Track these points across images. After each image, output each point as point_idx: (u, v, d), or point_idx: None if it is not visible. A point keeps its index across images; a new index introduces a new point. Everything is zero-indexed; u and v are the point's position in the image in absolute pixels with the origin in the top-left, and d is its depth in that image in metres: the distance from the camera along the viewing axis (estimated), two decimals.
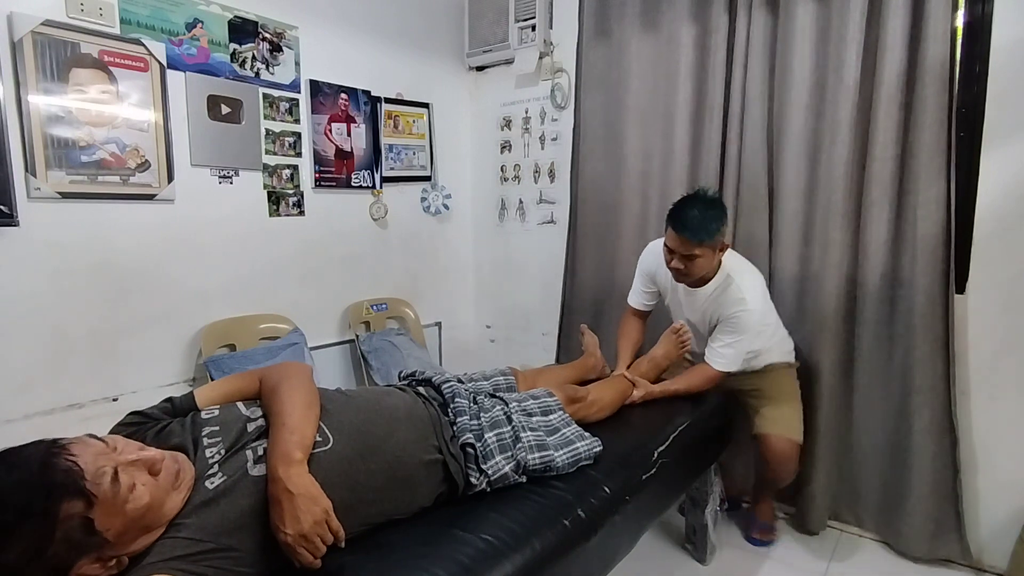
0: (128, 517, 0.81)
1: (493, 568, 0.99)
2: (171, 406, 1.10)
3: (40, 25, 1.62)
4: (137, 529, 0.83)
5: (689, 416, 1.68)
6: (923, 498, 1.82)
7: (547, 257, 2.77)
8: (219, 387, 1.16)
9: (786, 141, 2.00)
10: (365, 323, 2.53)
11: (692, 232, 1.63)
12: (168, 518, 0.87)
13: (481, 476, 1.18)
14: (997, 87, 1.71)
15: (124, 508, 0.80)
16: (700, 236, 1.63)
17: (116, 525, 0.80)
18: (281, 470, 0.91)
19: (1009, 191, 1.72)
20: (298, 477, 0.91)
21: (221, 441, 0.99)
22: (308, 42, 2.27)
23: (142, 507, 0.82)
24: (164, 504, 0.86)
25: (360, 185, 2.51)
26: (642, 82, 2.34)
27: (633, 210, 2.40)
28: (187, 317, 2.00)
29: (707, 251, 1.66)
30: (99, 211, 1.78)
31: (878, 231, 1.87)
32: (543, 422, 1.36)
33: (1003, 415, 1.78)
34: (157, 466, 0.87)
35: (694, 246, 1.64)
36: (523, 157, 2.84)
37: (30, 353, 1.68)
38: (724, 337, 1.76)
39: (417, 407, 1.24)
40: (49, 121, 1.65)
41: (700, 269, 1.70)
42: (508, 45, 2.67)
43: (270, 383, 1.09)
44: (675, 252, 1.69)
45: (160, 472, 0.87)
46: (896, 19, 1.76)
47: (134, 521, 0.82)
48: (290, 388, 1.06)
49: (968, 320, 1.81)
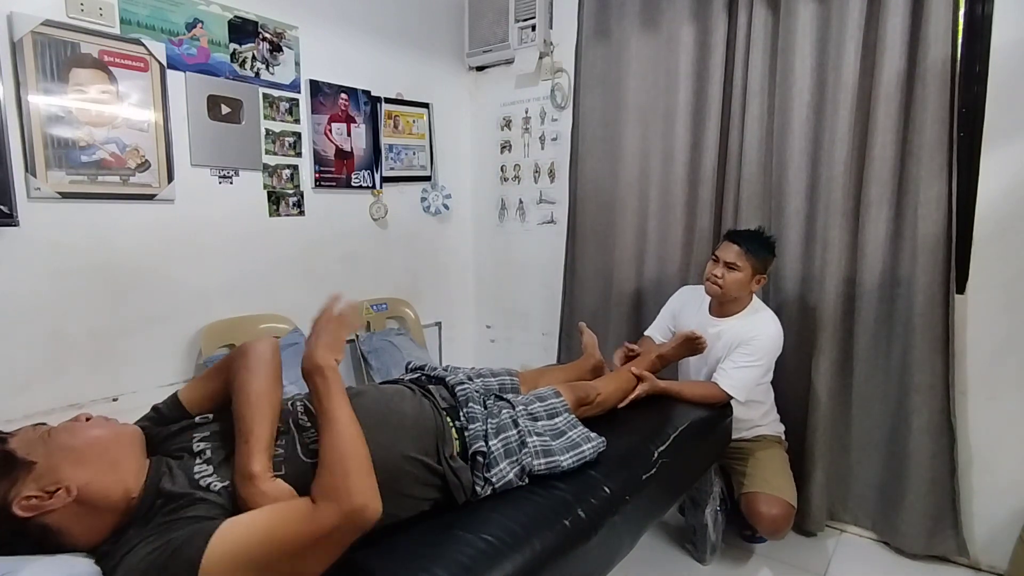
0: (56, 446, 0.88)
1: (493, 568, 0.99)
2: (158, 415, 1.10)
3: (40, 25, 1.62)
4: (72, 459, 0.87)
5: (689, 416, 1.68)
6: (921, 496, 1.83)
7: (547, 257, 2.77)
8: (203, 386, 1.14)
9: (786, 140, 2.00)
10: (365, 323, 2.53)
11: (744, 241, 1.80)
12: (123, 464, 0.91)
13: (486, 485, 1.18)
14: (997, 87, 1.71)
15: (46, 441, 0.89)
16: (749, 246, 1.79)
17: (41, 454, 0.86)
18: (240, 489, 0.90)
19: (1009, 191, 1.72)
20: (259, 496, 0.89)
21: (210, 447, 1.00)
22: (308, 42, 2.27)
23: (66, 437, 0.90)
24: (101, 439, 0.92)
25: (360, 185, 2.51)
26: (642, 82, 2.34)
27: (633, 209, 2.40)
28: (187, 317, 2.00)
29: (747, 267, 1.79)
30: (99, 211, 1.78)
31: (878, 230, 1.87)
32: (548, 426, 1.35)
33: (1003, 415, 1.78)
34: (81, 417, 0.96)
35: (740, 255, 1.78)
36: (523, 157, 2.84)
37: (30, 353, 1.68)
38: (739, 359, 1.78)
39: (424, 415, 1.22)
40: (49, 121, 1.65)
41: (733, 284, 1.80)
42: (508, 45, 2.67)
43: (229, 377, 1.07)
44: (720, 260, 1.82)
45: (91, 419, 0.96)
46: (896, 18, 1.76)
47: (66, 451, 0.88)
48: (243, 382, 1.02)
49: (968, 320, 1.81)
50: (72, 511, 0.85)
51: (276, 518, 0.85)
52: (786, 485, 1.81)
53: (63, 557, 0.85)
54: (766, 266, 1.84)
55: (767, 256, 1.83)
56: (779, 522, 1.73)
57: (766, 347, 1.79)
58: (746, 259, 1.78)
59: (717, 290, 1.83)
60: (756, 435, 1.94)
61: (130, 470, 0.92)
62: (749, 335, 1.79)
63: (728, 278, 1.79)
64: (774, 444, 1.94)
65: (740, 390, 1.76)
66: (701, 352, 1.83)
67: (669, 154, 2.28)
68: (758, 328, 1.81)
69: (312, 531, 0.83)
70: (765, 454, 1.88)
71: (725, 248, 1.82)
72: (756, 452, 1.89)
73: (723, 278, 1.80)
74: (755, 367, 1.77)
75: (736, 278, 1.79)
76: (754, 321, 1.84)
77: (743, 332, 1.81)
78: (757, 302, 1.91)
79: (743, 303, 1.88)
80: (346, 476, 0.88)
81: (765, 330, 1.81)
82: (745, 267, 1.78)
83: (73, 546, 0.87)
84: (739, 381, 1.76)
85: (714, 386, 1.78)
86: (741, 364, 1.77)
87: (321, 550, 0.85)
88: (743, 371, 1.77)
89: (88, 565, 0.84)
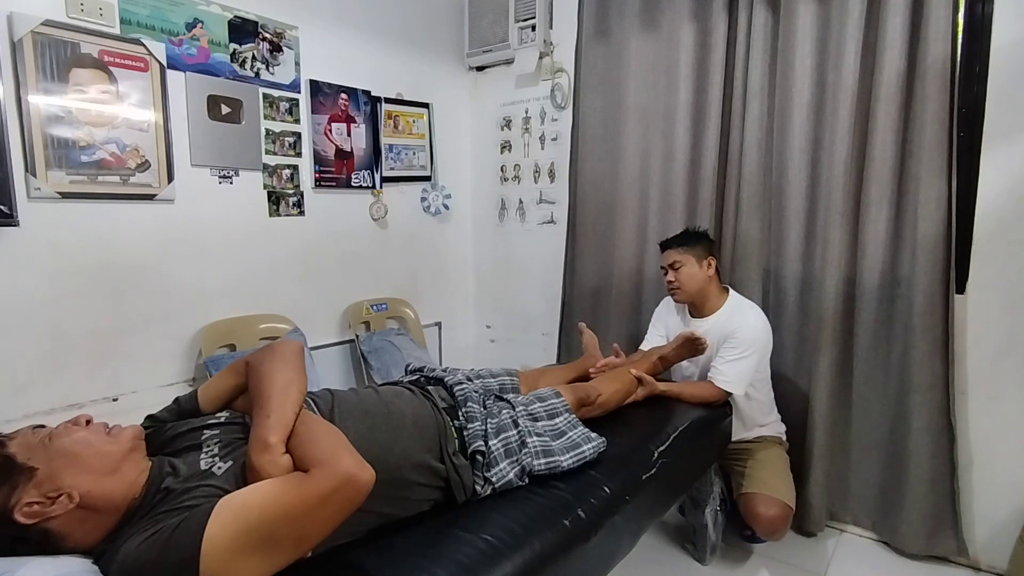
0: (56, 451, 0.87)
1: (493, 568, 0.99)
2: (177, 407, 1.12)
3: (40, 25, 1.62)
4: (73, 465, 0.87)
5: (689, 416, 1.68)
6: (920, 496, 1.83)
7: (547, 257, 2.77)
8: (218, 383, 1.15)
9: (786, 140, 2.00)
10: (365, 323, 2.53)
11: (675, 241, 1.93)
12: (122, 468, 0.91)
13: (486, 485, 1.18)
14: (997, 87, 1.71)
15: (47, 445, 0.88)
16: (680, 242, 1.91)
17: (41, 459, 0.86)
18: (255, 457, 0.90)
19: (1009, 191, 1.72)
20: (271, 465, 0.89)
21: (219, 442, 1.00)
22: (308, 42, 2.27)
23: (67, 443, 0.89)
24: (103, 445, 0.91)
25: (360, 185, 2.51)
26: (642, 82, 2.34)
27: (633, 210, 2.40)
28: (187, 317, 2.00)
29: (689, 258, 1.88)
30: (99, 211, 1.78)
31: (878, 230, 1.87)
32: (548, 426, 1.35)
33: (1003, 415, 1.78)
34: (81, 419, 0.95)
35: (677, 252, 1.89)
36: (523, 157, 2.84)
37: (30, 353, 1.68)
38: (727, 354, 1.79)
39: (424, 413, 1.23)
40: (49, 121, 1.65)
41: (688, 279, 1.88)
42: (508, 45, 2.67)
43: (252, 368, 1.07)
44: (666, 268, 1.93)
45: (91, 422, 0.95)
46: (896, 18, 1.76)
47: (67, 456, 0.87)
48: (269, 370, 1.03)
49: (968, 320, 1.81)
50: (73, 516, 0.85)
51: (274, 487, 0.85)
52: (784, 486, 1.81)
53: (60, 556, 0.85)
54: (709, 249, 1.91)
55: (702, 241, 1.92)
56: (776, 523, 1.73)
57: (751, 337, 1.80)
58: (684, 252, 1.88)
59: (681, 294, 1.92)
60: (757, 435, 1.94)
61: (131, 473, 0.92)
62: (731, 329, 1.82)
63: (681, 276, 1.88)
64: (774, 444, 1.94)
65: (736, 384, 1.77)
66: (702, 352, 1.83)
67: (669, 154, 2.28)
68: (738, 320, 1.83)
69: (307, 497, 0.84)
70: (764, 455, 1.88)
71: (664, 256, 1.94)
72: (755, 453, 1.89)
73: (677, 279, 1.89)
74: (745, 358, 1.78)
75: (687, 273, 1.88)
76: (734, 315, 1.87)
77: (726, 327, 1.84)
78: (736, 297, 1.94)
79: (718, 299, 1.92)
80: (336, 447, 0.92)
81: (746, 321, 1.83)
82: (687, 259, 1.88)
83: (73, 549, 0.87)
84: (734, 376, 1.77)
85: (710, 385, 1.79)
86: (731, 358, 1.79)
87: (318, 517, 0.86)
88: (734, 364, 1.78)
89: (85, 564, 0.84)
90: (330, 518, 0.87)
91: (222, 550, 0.77)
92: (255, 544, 0.81)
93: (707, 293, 1.90)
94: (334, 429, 0.98)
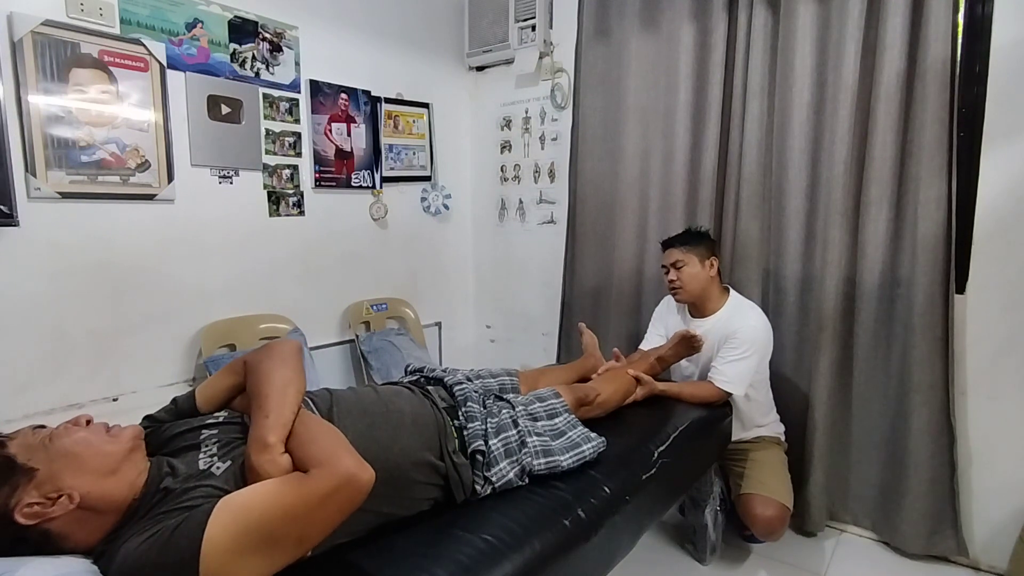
0: (56, 452, 0.87)
1: (493, 568, 0.99)
2: (175, 407, 1.11)
3: (40, 25, 1.62)
4: (74, 466, 0.87)
5: (689, 416, 1.68)
6: (920, 496, 1.83)
7: (547, 257, 2.77)
8: (216, 382, 1.15)
9: (786, 140, 2.00)
10: (365, 323, 2.53)
11: (677, 240, 1.92)
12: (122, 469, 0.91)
13: (486, 484, 1.18)
14: (997, 87, 1.71)
15: (47, 446, 0.87)
16: (683, 241, 1.90)
17: (42, 460, 0.86)
18: (254, 456, 0.90)
19: (1009, 191, 1.72)
20: (270, 465, 0.89)
21: (218, 441, 1.00)
22: (308, 42, 2.27)
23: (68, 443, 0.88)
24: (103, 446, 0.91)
25: (360, 185, 2.51)
26: (642, 81, 2.34)
27: (633, 210, 2.40)
28: (187, 317, 2.00)
29: (691, 258, 1.87)
30: (99, 211, 1.78)
31: (878, 230, 1.87)
32: (548, 426, 1.35)
33: (1003, 415, 1.78)
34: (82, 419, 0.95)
35: (680, 252, 1.88)
36: (523, 157, 2.84)
37: (30, 353, 1.68)
38: (728, 354, 1.79)
39: (424, 412, 1.23)
40: (49, 121, 1.65)
41: (690, 278, 1.87)
42: (508, 45, 2.67)
43: (250, 367, 1.07)
44: (667, 267, 1.91)
45: (91, 422, 0.95)
46: (896, 18, 1.76)
47: (68, 457, 0.87)
48: (268, 370, 1.03)
49: (968, 320, 1.81)
50: (74, 517, 0.85)
51: (273, 487, 0.85)
52: (782, 487, 1.81)
53: (60, 557, 0.85)
54: (711, 249, 1.91)
55: (704, 241, 1.92)
56: (774, 523, 1.73)
57: (751, 337, 1.80)
58: (686, 251, 1.88)
59: (682, 293, 1.91)
60: (755, 436, 1.94)
61: (131, 473, 0.92)
62: (732, 329, 1.82)
63: (683, 276, 1.87)
64: (772, 445, 1.94)
65: (736, 384, 1.77)
66: (699, 350, 1.84)
67: (669, 154, 2.28)
68: (739, 321, 1.83)
69: (307, 497, 0.84)
70: (763, 455, 1.89)
71: (666, 256, 1.93)
72: (754, 453, 1.89)
73: (679, 279, 1.88)
74: (746, 359, 1.78)
75: (689, 272, 1.87)
76: (734, 315, 1.86)
77: (726, 327, 1.83)
78: (737, 298, 1.94)
79: (719, 299, 1.91)
80: (335, 446, 0.92)
81: (746, 321, 1.83)
82: (690, 258, 1.87)
83: (73, 549, 0.87)
84: (734, 376, 1.77)
85: (710, 385, 1.79)
86: (731, 359, 1.78)
87: (318, 517, 0.86)
88: (734, 365, 1.78)
89: (85, 564, 0.85)
90: (330, 518, 0.87)
91: (222, 550, 0.77)
92: (255, 544, 0.81)
93: (708, 293, 1.90)
94: (333, 428, 0.98)
